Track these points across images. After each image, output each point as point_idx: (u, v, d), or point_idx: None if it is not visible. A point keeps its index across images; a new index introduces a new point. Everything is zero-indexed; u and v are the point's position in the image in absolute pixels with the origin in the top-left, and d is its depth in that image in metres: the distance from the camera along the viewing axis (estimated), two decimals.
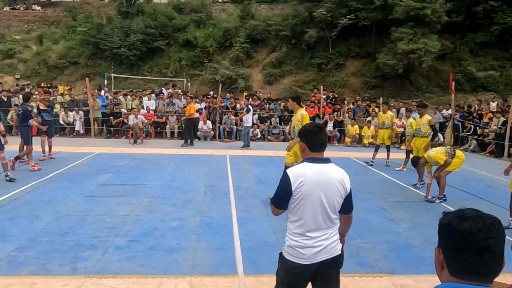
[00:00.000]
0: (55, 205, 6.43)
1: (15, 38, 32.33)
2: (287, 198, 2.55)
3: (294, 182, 2.49)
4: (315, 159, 2.62)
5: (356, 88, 25.12)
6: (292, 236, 2.59)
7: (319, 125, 2.75)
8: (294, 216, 2.58)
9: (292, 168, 2.58)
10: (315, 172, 2.55)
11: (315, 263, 2.56)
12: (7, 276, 4.02)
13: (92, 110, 15.16)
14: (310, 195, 2.51)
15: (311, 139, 2.64)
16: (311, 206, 2.53)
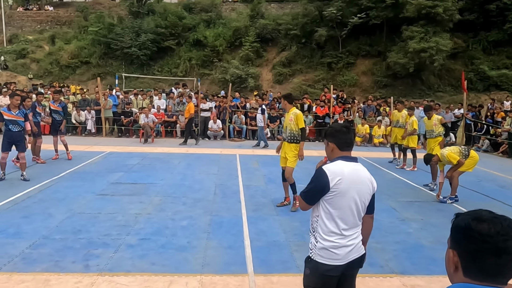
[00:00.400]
0: (67, 203, 6.52)
1: (28, 38, 32.78)
2: (321, 195, 2.53)
3: (332, 179, 2.48)
4: (347, 158, 2.64)
5: (367, 87, 24.98)
6: (326, 236, 2.54)
7: (346, 125, 2.80)
8: (328, 214, 2.55)
9: (328, 166, 2.57)
10: (350, 170, 2.57)
11: (345, 264, 2.54)
12: (21, 273, 4.10)
13: (104, 109, 15.32)
14: (346, 193, 2.51)
15: (341, 139, 2.66)
16: (347, 204, 2.53)
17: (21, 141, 8.04)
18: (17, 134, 7.95)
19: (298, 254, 4.77)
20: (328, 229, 2.54)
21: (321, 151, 12.37)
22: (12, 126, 7.88)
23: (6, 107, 8.07)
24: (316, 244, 2.59)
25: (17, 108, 7.98)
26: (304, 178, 8.84)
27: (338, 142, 2.66)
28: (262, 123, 13.86)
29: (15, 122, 7.89)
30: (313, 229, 2.66)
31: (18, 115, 7.94)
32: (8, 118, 7.86)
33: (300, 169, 9.95)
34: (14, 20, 36.49)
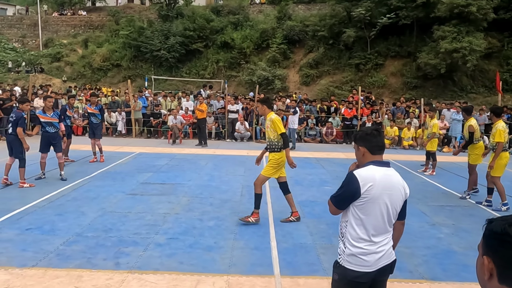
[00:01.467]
0: (99, 202, 6.72)
1: (62, 42, 33.98)
2: (352, 200, 2.48)
3: (363, 185, 2.42)
4: (379, 162, 2.57)
5: (396, 88, 24.52)
6: (355, 242, 2.48)
7: (377, 128, 2.74)
8: (358, 220, 2.49)
9: (359, 171, 2.51)
10: (382, 175, 2.50)
11: (375, 270, 2.49)
12: (56, 269, 4.25)
13: (134, 111, 15.69)
14: (378, 199, 2.45)
15: (372, 142, 2.59)
16: (378, 210, 2.47)
17: (57, 141, 8.34)
18: (53, 135, 8.26)
19: (325, 257, 4.74)
20: (357, 235, 2.49)
21: (349, 153, 12.23)
22: (48, 128, 8.20)
23: (41, 110, 8.41)
24: (344, 250, 2.53)
25: (51, 110, 8.30)
26: (331, 181, 8.81)
27: (370, 146, 2.59)
28: (294, 124, 13.77)
29: (50, 124, 8.21)
30: (342, 234, 2.60)
31: (52, 116, 8.25)
32: (43, 121, 8.19)
33: (328, 172, 9.91)
34: (50, 25, 37.92)
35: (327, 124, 15.96)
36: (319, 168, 10.35)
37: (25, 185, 7.56)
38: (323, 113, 16.67)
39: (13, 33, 38.03)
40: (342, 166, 10.33)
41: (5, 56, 32.25)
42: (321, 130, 16.09)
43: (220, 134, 16.01)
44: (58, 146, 8.34)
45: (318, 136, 16.11)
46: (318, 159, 11.64)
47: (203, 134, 13.98)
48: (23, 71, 30.17)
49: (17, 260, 4.40)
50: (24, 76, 28.75)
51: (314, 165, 10.76)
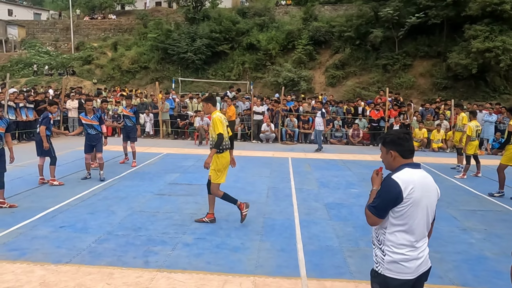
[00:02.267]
0: (129, 201, 6.89)
1: (93, 46, 34.99)
2: (393, 206, 2.38)
3: (405, 189, 2.34)
4: (413, 164, 2.51)
5: (425, 89, 24.01)
6: (396, 249, 2.40)
7: (407, 131, 2.65)
8: (399, 226, 2.40)
9: (398, 174, 2.42)
10: (419, 177, 2.45)
11: (415, 278, 2.42)
12: (88, 265, 4.40)
13: (161, 112, 15.98)
14: (420, 201, 2.39)
15: (404, 146, 2.51)
16: (420, 214, 2.41)
17: (98, 143, 8.51)
18: (94, 137, 8.47)
19: (352, 260, 4.70)
20: (399, 241, 2.40)
21: (375, 156, 12.04)
22: (90, 130, 8.44)
23: (84, 112, 8.67)
24: (383, 258, 2.43)
25: (92, 113, 8.54)
26: (357, 183, 8.72)
27: (401, 150, 2.51)
28: (321, 126, 13.68)
29: (91, 126, 8.44)
30: (379, 242, 2.49)
31: (93, 119, 8.46)
32: (85, 123, 8.45)
33: (354, 174, 9.81)
34: (81, 29, 39.10)
35: (353, 125, 15.79)
36: (345, 170, 10.26)
37: (55, 183, 7.83)
38: (349, 115, 16.49)
39: (47, 37, 39.45)
40: (368, 168, 10.20)
41: (39, 60, 33.49)
42: (347, 131, 15.92)
43: (246, 136, 16.09)
44: (99, 147, 8.52)
45: (344, 138, 15.95)
46: (344, 161, 11.53)
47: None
48: (56, 74, 31.19)
49: (52, 257, 4.57)
50: (57, 79, 29.77)
51: (340, 167, 10.67)
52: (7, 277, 4.07)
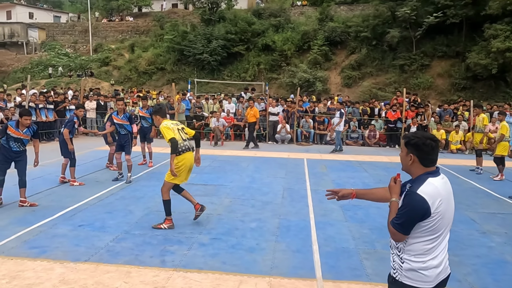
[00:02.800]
0: (145, 201, 6.98)
1: (110, 47, 35.54)
2: (420, 221, 2.26)
3: (432, 204, 2.21)
4: (434, 173, 2.36)
5: (443, 90, 23.65)
6: (415, 258, 2.31)
7: (435, 137, 2.42)
8: (422, 237, 2.29)
9: (423, 188, 2.25)
10: (442, 185, 2.32)
11: (434, 286, 2.34)
12: (106, 264, 4.47)
13: (177, 113, 16.10)
14: (445, 212, 2.28)
15: (426, 154, 2.34)
16: (446, 223, 2.32)
17: (127, 143, 8.49)
18: (124, 137, 8.48)
19: (368, 262, 4.67)
20: (419, 250, 2.30)
21: (392, 157, 11.92)
22: (120, 130, 8.48)
23: (116, 112, 8.69)
24: (402, 265, 2.35)
25: (122, 113, 8.57)
26: (374, 185, 8.62)
27: (423, 158, 2.35)
28: (341, 127, 13.59)
29: (121, 126, 8.47)
30: (398, 249, 2.39)
31: (123, 119, 8.48)
32: (116, 122, 8.49)
33: (371, 175, 9.72)
34: (99, 31, 39.75)
35: (369, 126, 15.65)
36: (361, 172, 10.18)
37: (76, 184, 7.98)
38: (365, 116, 16.35)
39: (66, 39, 40.23)
40: (385, 170, 10.10)
41: (59, 61, 34.17)
42: (364, 132, 15.79)
43: (261, 136, 16.10)
44: (127, 148, 8.48)
45: (360, 139, 15.81)
46: (360, 163, 11.44)
47: (250, 137, 14.03)
48: (74, 75, 31.75)
49: (71, 255, 4.66)
50: (75, 80, 30.31)
51: (356, 169, 10.59)
52: (28, 274, 4.16)
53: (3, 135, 6.33)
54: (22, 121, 6.37)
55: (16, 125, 6.39)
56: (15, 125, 6.38)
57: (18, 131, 6.37)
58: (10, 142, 6.38)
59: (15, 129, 6.35)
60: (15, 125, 6.38)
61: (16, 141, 6.41)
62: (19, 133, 6.38)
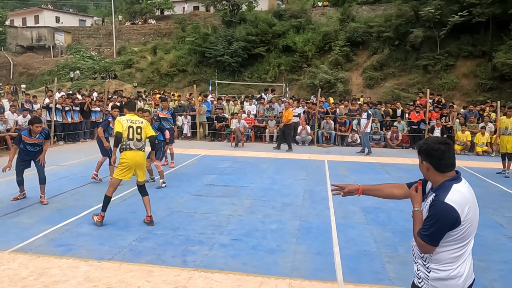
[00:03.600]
0: (167, 202, 7.07)
1: (133, 50, 36.20)
2: (449, 231, 2.18)
3: (462, 212, 2.14)
4: (457, 178, 2.26)
5: (468, 90, 23.09)
6: (442, 267, 2.23)
7: (447, 141, 2.33)
8: (450, 246, 2.22)
9: (450, 197, 2.16)
10: (468, 191, 2.23)
11: None
12: (129, 263, 4.55)
13: (199, 114, 16.27)
14: (473, 219, 2.21)
15: (439, 159, 2.25)
16: (474, 229, 2.24)
17: (159, 150, 8.56)
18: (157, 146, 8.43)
19: (391, 266, 4.60)
20: (446, 258, 2.23)
21: (415, 159, 11.67)
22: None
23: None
24: (428, 274, 2.28)
25: (151, 123, 8.67)
26: None
27: (436, 163, 2.26)
28: (368, 128, 13.41)
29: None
30: (423, 258, 2.32)
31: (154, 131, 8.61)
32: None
33: (393, 178, 9.57)
34: (123, 34, 40.51)
35: (392, 128, 15.42)
36: (383, 174, 10.04)
37: None
38: (387, 117, 16.12)
39: (91, 42, 41.19)
40: (408, 172, 9.94)
41: (84, 64, 35.01)
42: (386, 134, 15.57)
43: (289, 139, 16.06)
44: (158, 154, 8.49)
45: (383, 141, 15.60)
46: (382, 165, 11.29)
47: (288, 139, 13.87)
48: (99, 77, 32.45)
49: (96, 253, 4.77)
50: (99, 82, 31.01)
51: (378, 171, 10.45)
52: (55, 271, 4.28)
53: (19, 144, 6.75)
54: (33, 129, 6.71)
55: (29, 133, 6.74)
56: (28, 134, 6.74)
57: (32, 138, 6.75)
58: (27, 147, 6.79)
59: (29, 137, 6.73)
60: (28, 134, 6.74)
61: (32, 145, 6.81)
62: (33, 139, 6.76)
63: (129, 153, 5.72)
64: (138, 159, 5.82)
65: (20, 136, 6.74)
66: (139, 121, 5.89)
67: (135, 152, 5.77)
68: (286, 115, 13.76)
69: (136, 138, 5.74)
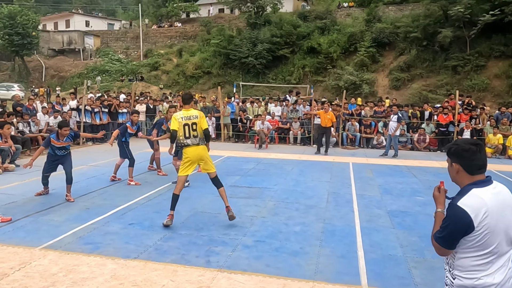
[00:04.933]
0: (192, 202, 7.15)
1: (160, 53, 36.82)
2: (464, 236, 2.12)
3: (475, 217, 2.06)
4: (481, 182, 2.18)
5: (500, 92, 22.35)
6: (466, 274, 2.17)
7: (477, 142, 2.26)
8: (471, 252, 2.15)
9: (464, 200, 2.11)
10: (491, 196, 2.13)
11: None
12: (154, 262, 4.62)
13: (223, 116, 16.39)
14: (495, 226, 2.09)
15: (471, 160, 2.18)
16: (497, 237, 2.11)
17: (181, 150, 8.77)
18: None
19: (417, 271, 4.49)
20: (468, 265, 2.16)
21: (443, 162, 11.39)
22: None
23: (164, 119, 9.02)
24: (453, 281, 2.23)
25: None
26: (424, 191, 8.33)
27: (466, 165, 2.19)
28: (398, 131, 13.13)
29: None
30: (449, 264, 2.28)
31: None
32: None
33: (420, 181, 9.38)
34: (149, 37, 41.29)
35: (419, 130, 15.09)
36: (410, 177, 9.84)
37: (132, 183, 8.35)
38: (414, 119, 15.79)
39: (119, 46, 42.17)
40: (436, 176, 9.70)
41: (112, 67, 35.88)
42: (413, 136, 15.25)
43: (306, 140, 16.00)
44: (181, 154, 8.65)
45: (409, 143, 15.29)
46: (409, 168, 11.06)
47: (327, 143, 13.60)
48: (126, 80, 33.15)
49: (122, 252, 4.87)
50: (127, 84, 31.69)
51: (405, 174, 10.25)
52: (83, 268, 4.40)
53: (47, 146, 7.06)
54: (61, 132, 6.98)
55: (57, 136, 7.03)
56: (56, 137, 7.02)
57: (60, 141, 7.04)
58: (55, 151, 7.08)
59: (57, 140, 7.01)
60: (56, 137, 7.02)
61: (60, 149, 7.10)
62: (60, 143, 7.05)
63: (189, 149, 5.87)
64: (199, 152, 5.90)
65: (49, 139, 7.03)
66: (194, 115, 5.90)
67: (195, 147, 5.88)
68: (329, 118, 13.11)
69: (192, 134, 5.85)
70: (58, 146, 7.01)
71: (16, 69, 38.38)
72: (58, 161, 7.17)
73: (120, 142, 8.54)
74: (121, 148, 8.57)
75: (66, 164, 7.14)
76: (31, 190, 7.63)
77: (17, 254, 4.73)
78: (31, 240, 5.19)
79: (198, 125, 5.87)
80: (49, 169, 7.17)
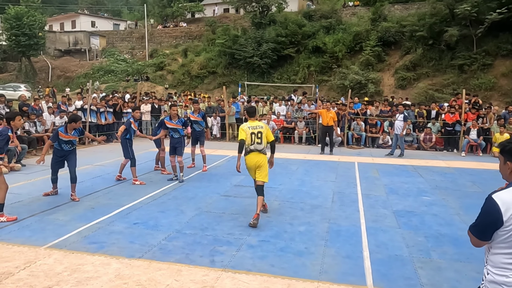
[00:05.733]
0: (196, 201, 7.14)
1: (165, 53, 36.91)
2: (495, 229, 2.14)
3: (505, 211, 2.07)
4: None
5: (507, 91, 22.15)
6: (497, 270, 2.20)
7: None
8: (503, 248, 2.16)
9: (500, 193, 2.13)
10: None
11: None
12: (159, 261, 4.61)
13: (228, 116, 16.38)
14: None
15: None
16: None
17: (180, 146, 8.79)
18: (176, 140, 8.77)
19: (423, 272, 4.45)
20: (499, 261, 2.19)
21: (450, 162, 11.32)
22: (173, 133, 8.79)
23: (168, 117, 8.98)
24: (486, 276, 2.26)
25: (177, 117, 8.88)
26: (430, 191, 8.27)
27: None
28: (404, 130, 13.04)
29: (175, 130, 8.76)
30: (485, 260, 2.32)
31: (177, 123, 8.78)
32: (170, 127, 8.80)
33: (426, 181, 9.32)
34: (155, 37, 41.40)
35: (425, 129, 14.98)
36: (416, 177, 9.76)
37: (137, 182, 8.37)
38: (420, 118, 15.68)
39: (124, 46, 42.32)
40: (443, 176, 9.62)
41: (118, 67, 36.00)
42: (419, 136, 15.14)
43: (311, 139, 15.95)
44: (180, 150, 8.75)
45: (415, 143, 15.18)
46: (415, 167, 10.98)
47: (331, 142, 13.58)
48: (131, 80, 33.25)
49: (126, 251, 4.87)
50: (132, 84, 31.78)
51: (411, 173, 10.17)
52: (87, 267, 4.40)
53: (55, 140, 7.09)
54: (73, 126, 7.11)
55: (65, 129, 7.11)
56: (64, 130, 7.10)
57: (67, 135, 7.10)
58: (62, 145, 7.12)
59: (65, 133, 7.08)
60: (64, 130, 7.10)
61: (67, 143, 7.14)
62: (68, 136, 7.11)
63: (250, 155, 6.16)
64: (258, 159, 6.14)
65: (57, 133, 7.08)
66: (259, 126, 6.23)
67: (255, 154, 6.15)
68: (331, 117, 13.22)
69: (256, 142, 6.11)
70: (66, 139, 7.06)
71: (22, 70, 38.64)
72: (64, 157, 7.19)
73: (124, 140, 8.53)
74: (124, 147, 8.56)
75: (71, 162, 7.17)
76: (37, 189, 7.67)
77: (22, 253, 4.74)
78: (36, 239, 5.20)
79: (263, 134, 6.17)
80: (56, 166, 7.22)
